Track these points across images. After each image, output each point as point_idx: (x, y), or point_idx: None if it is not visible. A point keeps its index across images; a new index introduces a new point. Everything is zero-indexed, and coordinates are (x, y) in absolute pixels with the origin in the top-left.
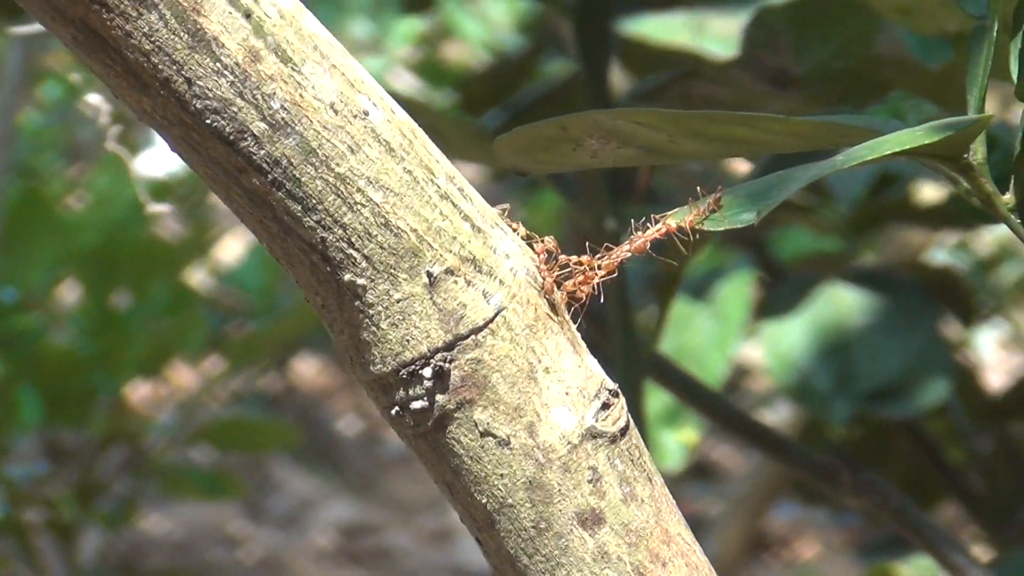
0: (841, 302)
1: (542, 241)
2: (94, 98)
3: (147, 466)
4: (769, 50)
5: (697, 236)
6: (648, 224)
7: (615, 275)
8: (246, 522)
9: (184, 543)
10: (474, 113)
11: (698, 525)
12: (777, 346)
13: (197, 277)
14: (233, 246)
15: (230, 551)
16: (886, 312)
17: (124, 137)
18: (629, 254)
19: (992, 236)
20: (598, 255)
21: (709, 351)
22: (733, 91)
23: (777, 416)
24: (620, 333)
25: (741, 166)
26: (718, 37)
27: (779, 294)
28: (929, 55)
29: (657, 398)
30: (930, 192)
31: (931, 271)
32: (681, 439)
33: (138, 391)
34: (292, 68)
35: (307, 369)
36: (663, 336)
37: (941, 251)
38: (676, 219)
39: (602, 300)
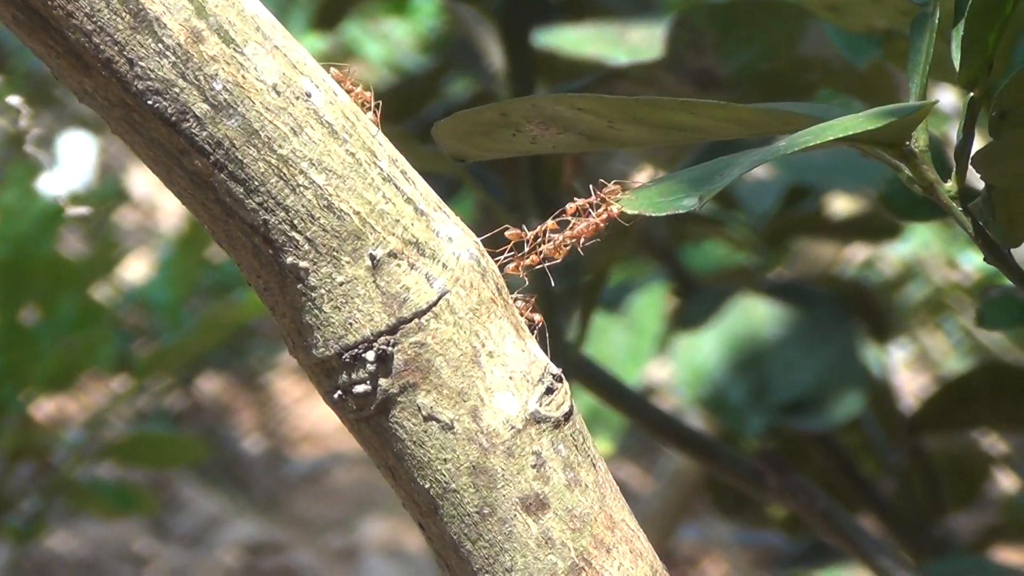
0: (755, 315)
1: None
2: (13, 100)
3: (55, 482)
4: (693, 51)
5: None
6: (590, 210)
7: (557, 260)
8: (152, 540)
9: (90, 561)
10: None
11: None
12: (691, 359)
13: (102, 295)
14: (137, 266)
15: (136, 569)
16: (800, 325)
17: (27, 157)
18: (572, 240)
19: (898, 256)
20: (540, 240)
21: (623, 363)
22: (657, 92)
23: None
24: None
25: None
26: (635, 48)
27: (693, 307)
28: (857, 53)
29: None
30: (842, 205)
31: (844, 285)
32: None
33: (45, 407)
34: (234, 49)
35: (212, 387)
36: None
37: (848, 269)
38: (617, 204)
39: (552, 284)
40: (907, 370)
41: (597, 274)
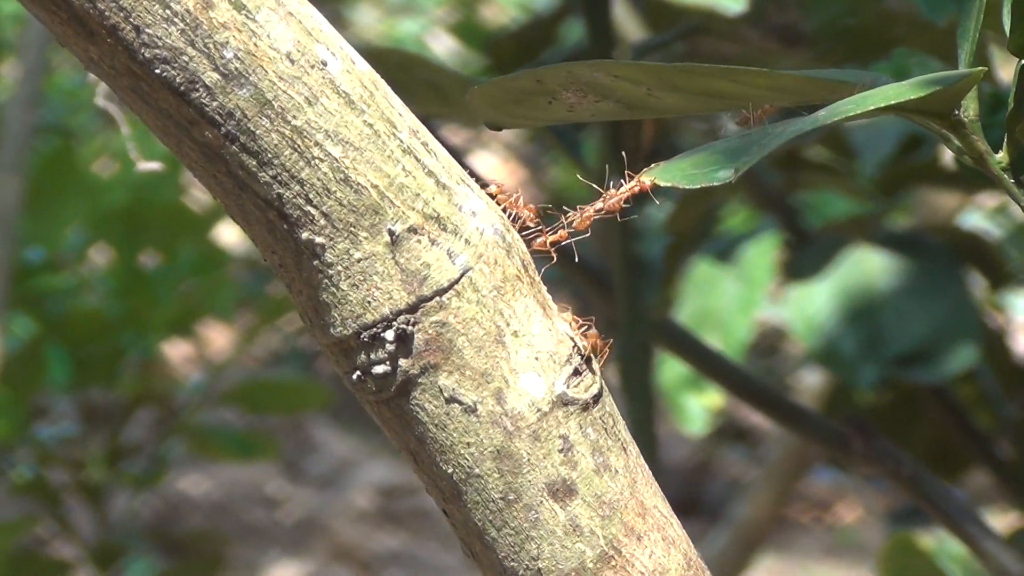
0: (868, 265)
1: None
2: None
3: (177, 427)
4: (778, 6)
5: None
6: (623, 181)
7: (587, 234)
8: (285, 483)
9: (222, 503)
10: (503, 73)
11: (735, 489)
12: (803, 310)
13: (233, 236)
14: None
15: (269, 511)
16: (914, 276)
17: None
18: (602, 212)
19: None
20: (568, 213)
21: (734, 314)
22: (741, 47)
23: (814, 379)
24: (625, 297)
25: None
26: None
27: (805, 257)
28: (935, 10)
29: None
30: None
31: (961, 235)
32: (705, 403)
33: (175, 351)
34: (246, 15)
35: None
36: (683, 299)
37: (974, 215)
38: (650, 176)
39: (576, 259)
40: None
41: (679, 236)
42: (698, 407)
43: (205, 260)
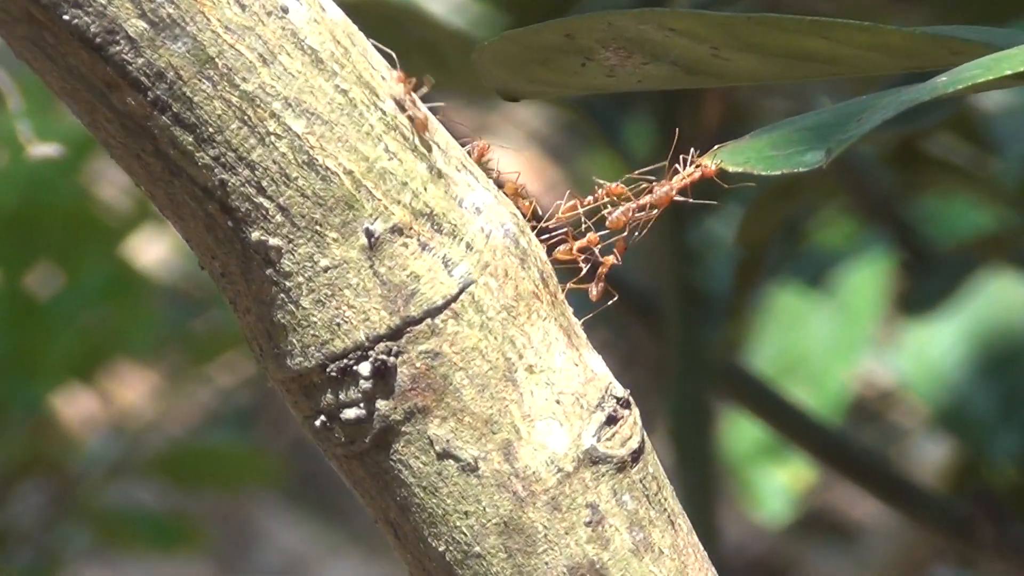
0: (1009, 298)
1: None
2: None
3: (77, 506)
4: None
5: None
6: (677, 168)
7: (623, 234)
8: None
9: None
10: None
11: None
12: (923, 357)
13: (153, 257)
14: None
15: None
16: None
17: None
18: (646, 207)
19: None
20: (605, 210)
21: (828, 361)
22: (836, 4)
23: (936, 452)
24: (679, 331)
25: None
26: None
27: (926, 286)
28: None
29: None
30: None
31: None
32: (787, 479)
33: (69, 405)
34: None
35: None
36: (760, 340)
37: None
38: (714, 159)
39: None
40: None
41: (753, 251)
42: (778, 485)
43: (116, 284)
